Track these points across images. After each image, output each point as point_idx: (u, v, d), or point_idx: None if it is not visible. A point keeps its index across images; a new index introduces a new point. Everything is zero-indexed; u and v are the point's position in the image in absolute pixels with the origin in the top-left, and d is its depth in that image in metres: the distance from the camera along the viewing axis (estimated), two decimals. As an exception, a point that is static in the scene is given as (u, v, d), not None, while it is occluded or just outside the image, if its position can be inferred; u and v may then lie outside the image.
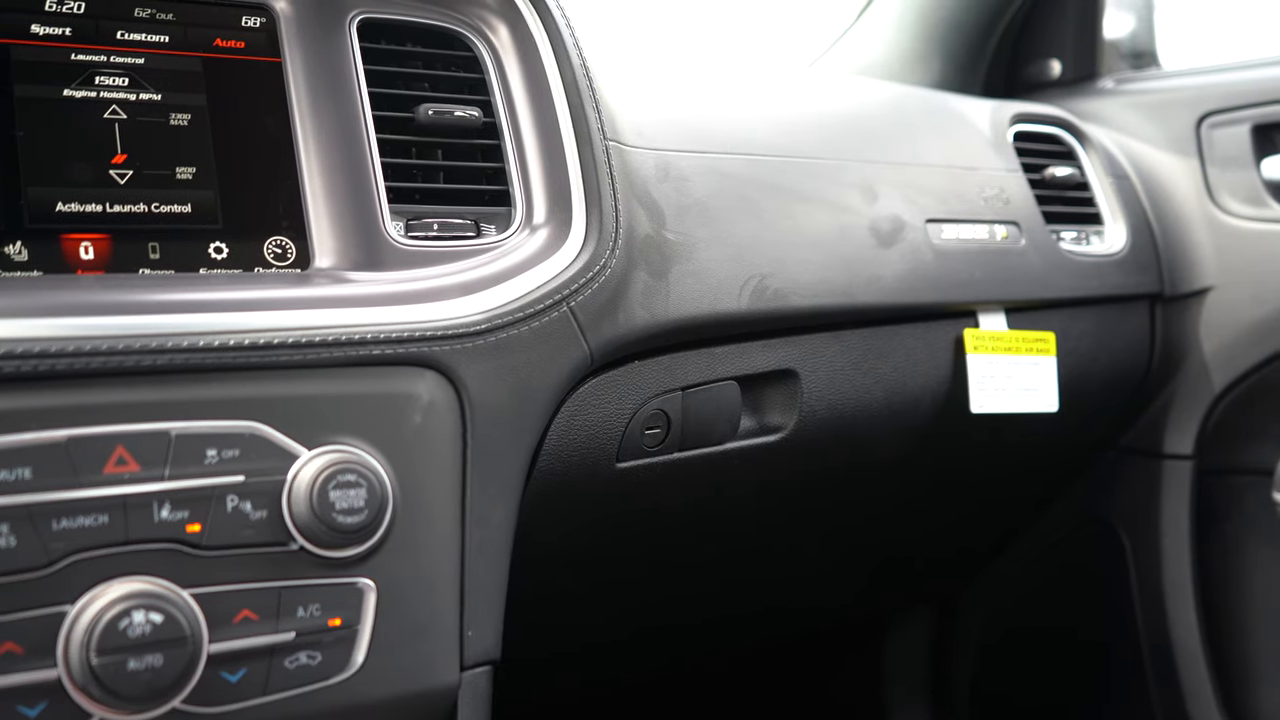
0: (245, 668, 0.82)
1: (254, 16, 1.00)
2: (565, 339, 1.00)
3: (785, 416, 1.28)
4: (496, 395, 0.95)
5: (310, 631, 0.84)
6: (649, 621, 1.57)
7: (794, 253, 1.24)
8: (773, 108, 1.41)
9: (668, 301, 1.11)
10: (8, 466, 0.75)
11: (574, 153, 1.06)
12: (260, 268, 0.94)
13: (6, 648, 0.74)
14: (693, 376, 1.18)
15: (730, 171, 1.24)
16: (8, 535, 0.75)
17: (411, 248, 0.98)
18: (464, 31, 1.08)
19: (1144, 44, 2.00)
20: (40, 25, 0.92)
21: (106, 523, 0.78)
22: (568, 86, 1.07)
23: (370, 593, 0.87)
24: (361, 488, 0.84)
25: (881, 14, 2.01)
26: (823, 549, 1.63)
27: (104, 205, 0.90)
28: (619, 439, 1.13)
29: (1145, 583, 1.76)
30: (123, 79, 0.94)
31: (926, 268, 1.37)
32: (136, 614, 0.75)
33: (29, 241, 0.87)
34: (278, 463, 0.84)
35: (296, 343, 0.86)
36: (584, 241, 1.03)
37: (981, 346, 1.45)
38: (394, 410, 0.90)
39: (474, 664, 0.93)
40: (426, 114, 1.03)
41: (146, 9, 0.97)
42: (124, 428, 0.79)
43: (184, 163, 0.94)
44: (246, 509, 0.82)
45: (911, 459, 1.50)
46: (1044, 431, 1.58)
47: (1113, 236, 1.65)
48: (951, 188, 1.46)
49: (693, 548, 1.43)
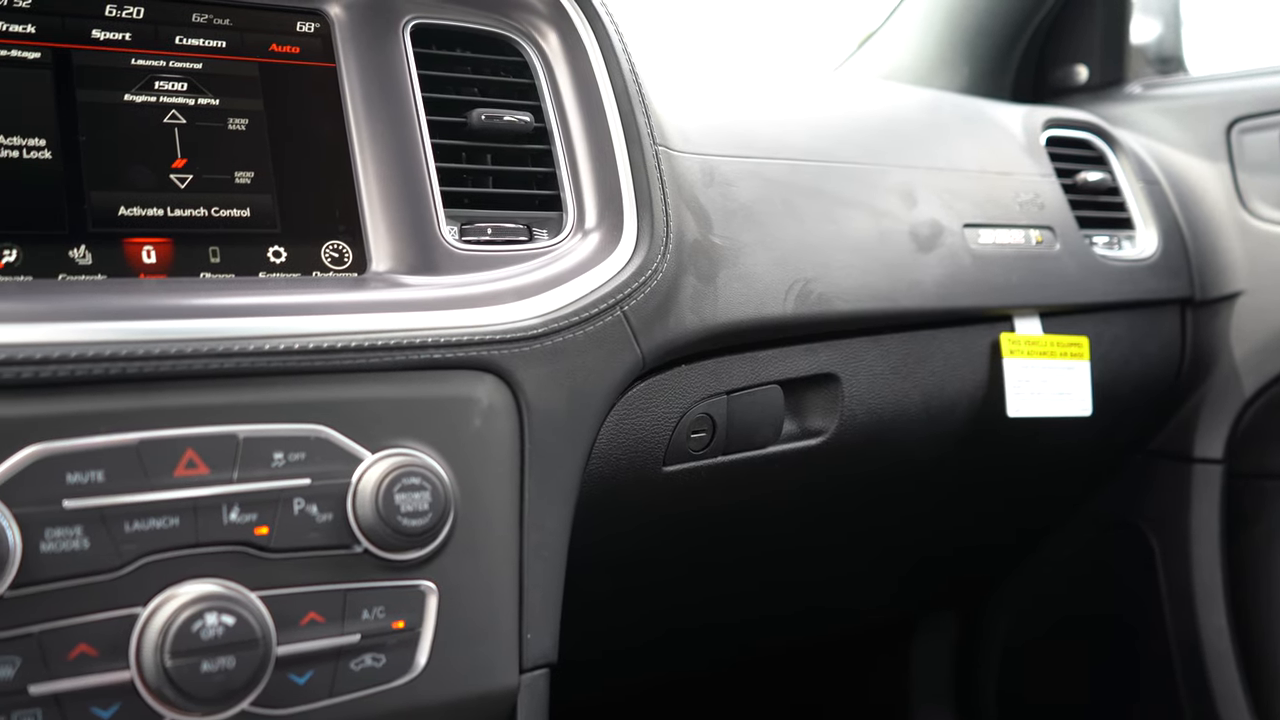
0: (312, 670, 0.82)
1: (308, 22, 1.01)
2: (619, 343, 1.01)
3: (826, 420, 1.29)
4: (553, 399, 0.96)
5: (375, 634, 0.85)
6: (683, 623, 1.57)
7: (837, 257, 1.25)
8: (810, 112, 1.41)
9: (716, 306, 1.11)
10: (81, 469, 0.76)
11: (624, 158, 1.06)
12: (318, 272, 0.95)
13: (80, 649, 0.75)
14: (737, 380, 1.19)
15: (773, 176, 1.24)
16: (81, 538, 0.75)
17: (466, 252, 0.98)
18: (514, 37, 1.08)
19: (1170, 49, 2.01)
20: (101, 30, 0.93)
21: (177, 525, 0.78)
22: (618, 92, 1.08)
23: (432, 595, 0.87)
24: (426, 490, 0.84)
25: (908, 19, 2.02)
26: (856, 550, 1.63)
27: (165, 209, 0.91)
28: (666, 443, 1.13)
29: (1174, 586, 1.76)
30: (181, 84, 0.95)
31: (965, 272, 1.38)
32: (209, 616, 0.76)
33: (92, 245, 0.87)
34: (342, 466, 0.84)
35: (359, 346, 0.87)
36: (635, 246, 1.04)
37: (1018, 351, 1.45)
38: (454, 414, 0.91)
39: (532, 666, 0.93)
40: (479, 119, 1.03)
41: (204, 14, 0.97)
42: (193, 431, 0.80)
43: (242, 167, 0.95)
44: (313, 512, 0.83)
45: (946, 462, 1.51)
46: (1076, 435, 1.59)
47: (1144, 241, 1.65)
48: (987, 192, 1.47)
49: (730, 549, 1.44)
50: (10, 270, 0.84)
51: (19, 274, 0.84)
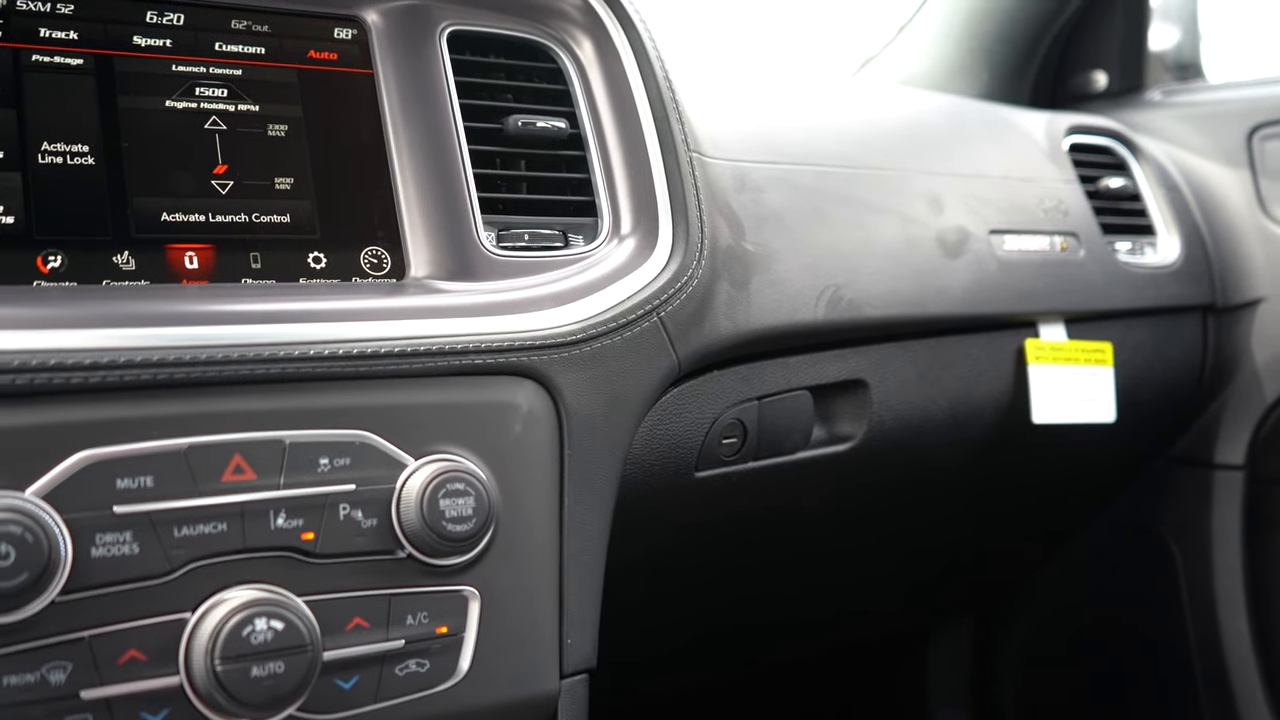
0: (358, 675, 0.82)
1: (346, 29, 1.01)
2: (655, 349, 1.01)
3: (854, 426, 1.29)
4: (591, 404, 0.96)
5: (419, 639, 0.85)
6: (709, 626, 1.57)
7: (866, 263, 1.25)
8: (836, 117, 1.42)
9: (749, 312, 1.12)
10: (130, 475, 0.76)
11: (659, 164, 1.06)
12: (357, 277, 0.95)
13: (130, 654, 0.75)
14: (768, 386, 1.19)
15: (802, 183, 1.25)
16: (131, 543, 0.76)
17: (504, 258, 0.99)
18: (548, 43, 1.09)
19: (1189, 56, 2.01)
20: (142, 37, 0.93)
21: (225, 530, 0.79)
22: (652, 98, 1.08)
23: (474, 601, 0.88)
24: (470, 496, 0.85)
25: (927, 25, 2.02)
26: (880, 554, 1.63)
27: (206, 215, 0.91)
28: (698, 448, 1.13)
29: (1195, 592, 1.76)
30: (221, 90, 0.95)
31: (991, 278, 1.38)
32: (259, 621, 0.76)
33: (136, 251, 0.88)
34: (386, 471, 0.84)
35: (402, 352, 0.87)
36: (671, 252, 1.04)
37: (1043, 357, 1.45)
38: (495, 419, 0.91)
39: (573, 672, 0.94)
40: (515, 125, 1.04)
41: (243, 21, 0.98)
42: (241, 436, 0.80)
43: (282, 173, 0.95)
44: (358, 517, 0.83)
45: (970, 467, 1.51)
46: (1098, 441, 1.59)
47: (1166, 248, 1.66)
48: (1012, 199, 1.47)
49: (758, 553, 1.44)
50: (55, 276, 0.84)
51: (64, 279, 0.84)
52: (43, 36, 0.89)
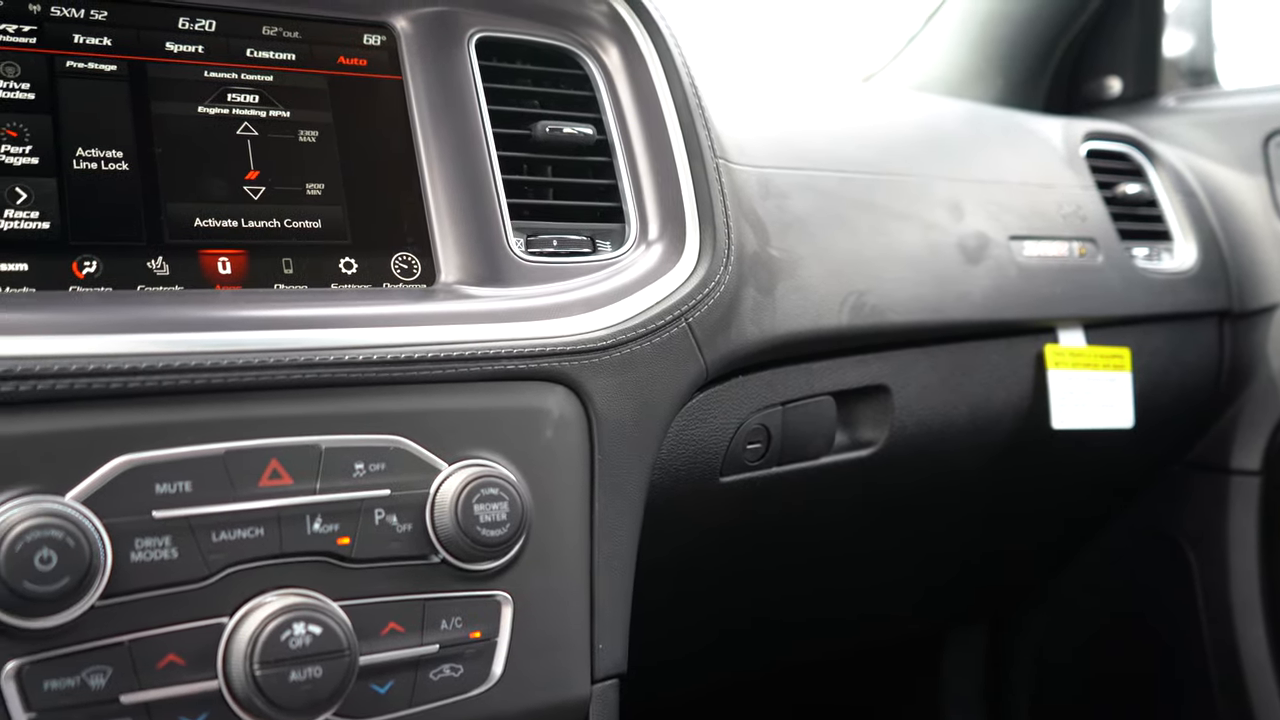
0: (393, 679, 0.82)
1: (375, 35, 1.02)
2: (684, 354, 1.01)
3: (876, 431, 1.29)
4: (621, 410, 0.96)
5: (453, 644, 0.85)
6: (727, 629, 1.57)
7: (889, 269, 1.25)
8: (856, 123, 1.42)
9: (775, 317, 1.12)
10: (169, 480, 0.76)
11: (686, 170, 1.07)
12: (388, 283, 0.95)
13: (169, 659, 0.75)
14: (792, 392, 1.19)
15: (826, 189, 1.25)
16: (170, 548, 0.76)
17: (533, 263, 0.99)
18: (575, 50, 1.09)
19: (1203, 62, 2.02)
20: (174, 43, 0.94)
21: (262, 535, 0.79)
22: (679, 105, 1.08)
23: (507, 606, 0.88)
24: (504, 501, 0.85)
25: (941, 31, 2.03)
26: (898, 558, 1.63)
27: (239, 221, 0.91)
28: (723, 453, 1.14)
29: (1212, 598, 1.76)
30: (253, 96, 0.95)
31: (1011, 284, 1.38)
32: (297, 626, 0.76)
33: (170, 257, 0.88)
34: (421, 476, 0.85)
35: (435, 357, 0.87)
36: (698, 258, 1.04)
37: (1062, 362, 1.46)
38: (526, 424, 0.91)
39: (604, 677, 0.94)
40: (543, 131, 1.04)
41: (273, 27, 0.98)
42: (277, 441, 0.80)
43: (313, 179, 0.95)
44: (393, 522, 0.83)
45: (988, 472, 1.51)
46: (1115, 447, 1.59)
47: (1183, 254, 1.66)
48: (1030, 204, 1.47)
49: (777, 557, 1.44)
50: (90, 281, 0.85)
51: (99, 285, 0.85)
52: (77, 43, 0.90)
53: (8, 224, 0.83)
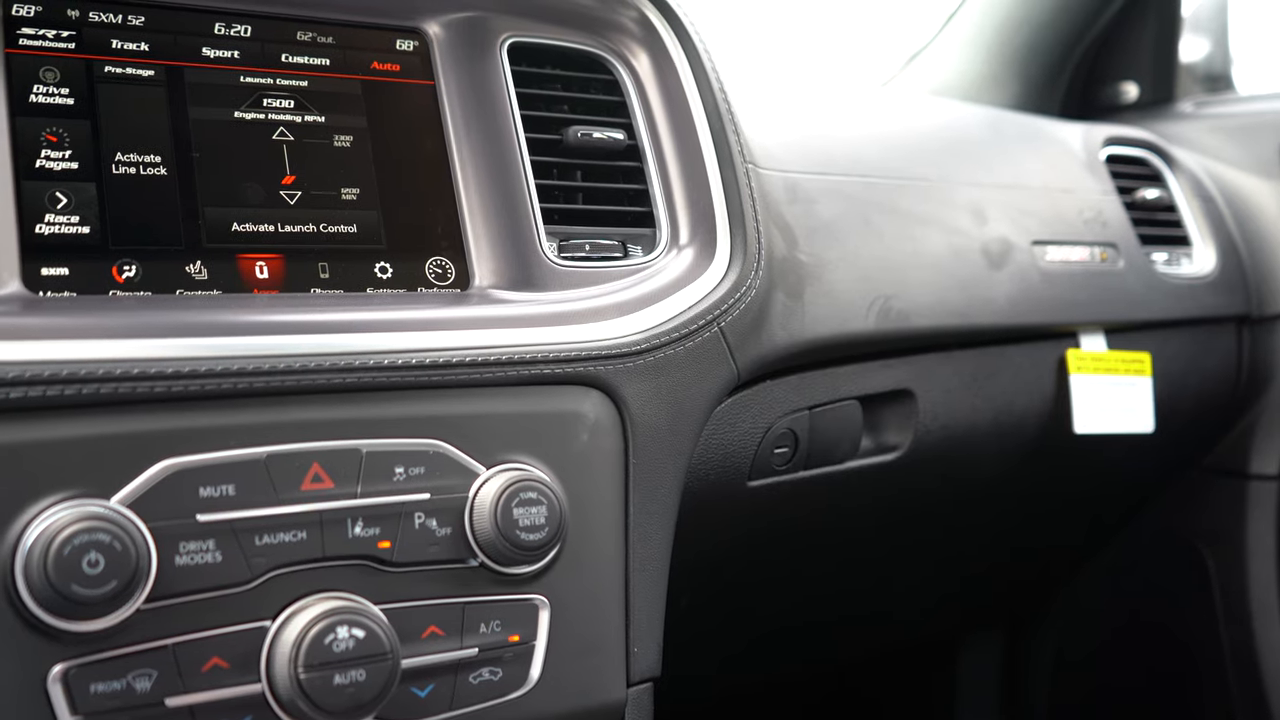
0: (433, 683, 0.83)
1: (408, 40, 1.02)
2: (716, 359, 1.02)
3: (901, 436, 1.30)
4: (655, 414, 0.96)
5: (492, 647, 0.85)
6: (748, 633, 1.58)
7: (914, 274, 1.25)
8: (880, 128, 1.42)
9: (803, 322, 1.12)
10: (213, 483, 0.77)
11: (716, 175, 1.07)
12: (423, 287, 0.96)
13: (213, 662, 0.75)
14: (818, 396, 1.19)
15: (852, 193, 1.25)
16: (214, 551, 0.76)
17: (566, 268, 0.99)
18: (605, 55, 1.09)
19: (1220, 68, 2.02)
20: (211, 48, 0.94)
21: (304, 539, 0.79)
22: (708, 110, 1.09)
23: (544, 609, 0.88)
24: (543, 505, 0.85)
25: (957, 37, 2.03)
26: (917, 561, 1.64)
27: (276, 225, 0.92)
28: (751, 457, 1.14)
29: (1230, 602, 1.76)
30: (288, 101, 0.96)
31: (1034, 289, 1.38)
32: (340, 629, 0.76)
33: (208, 261, 0.88)
34: (460, 480, 0.85)
35: (474, 362, 0.88)
36: (729, 262, 1.04)
37: (1084, 367, 1.46)
38: (562, 428, 0.91)
39: (639, 680, 0.94)
40: (575, 136, 1.04)
41: (308, 32, 0.98)
42: (319, 445, 0.81)
43: (348, 183, 0.96)
44: (432, 526, 0.83)
45: (1009, 476, 1.51)
46: (1134, 451, 1.59)
47: (1202, 258, 1.66)
48: (1052, 209, 1.47)
49: (799, 560, 1.44)
50: (130, 285, 0.85)
51: (138, 289, 0.85)
52: (115, 48, 0.90)
53: (49, 228, 0.83)
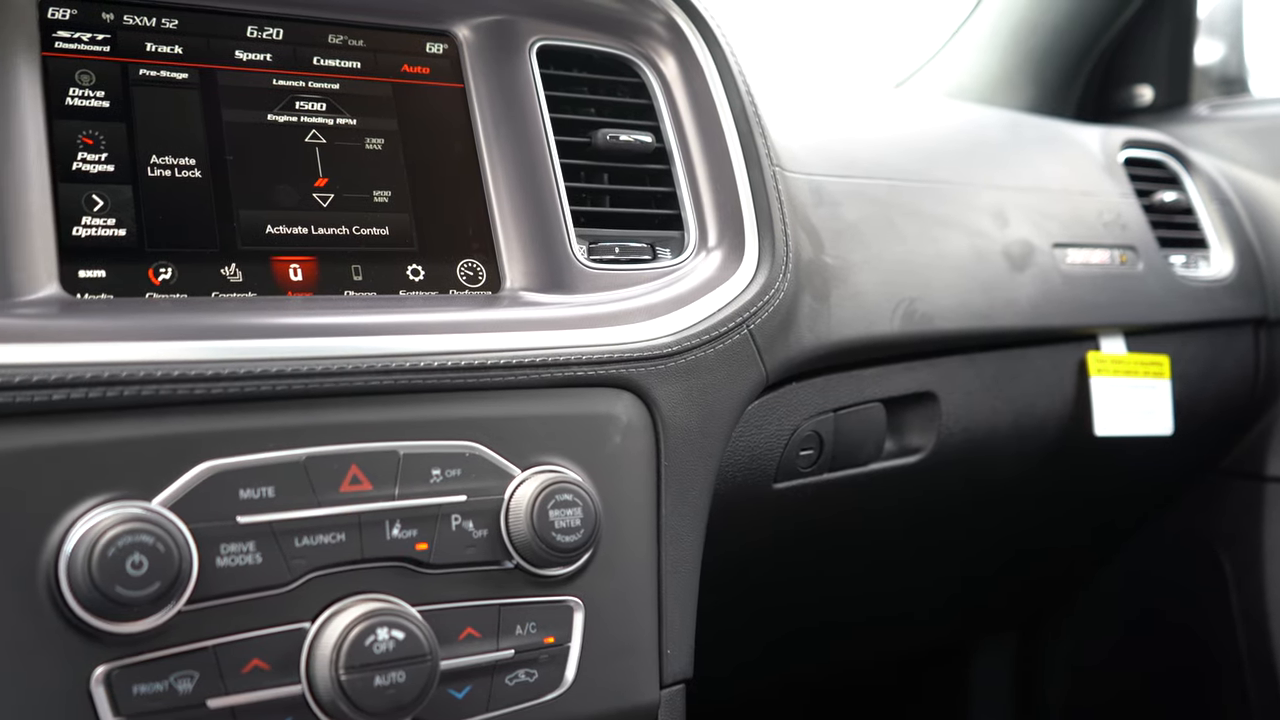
0: (470, 685, 0.83)
1: (438, 43, 1.02)
2: (745, 361, 1.02)
3: (924, 438, 1.30)
4: (686, 416, 0.97)
5: (527, 649, 0.85)
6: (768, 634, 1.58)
7: (938, 276, 1.26)
8: (901, 131, 1.43)
9: (829, 324, 1.12)
10: (253, 485, 0.77)
11: (744, 178, 1.07)
12: (454, 290, 0.96)
13: (254, 664, 0.76)
14: (843, 399, 1.20)
15: (875, 196, 1.25)
16: (254, 553, 0.76)
17: (596, 270, 1.00)
18: (633, 58, 1.10)
19: (1235, 71, 2.02)
20: (243, 51, 0.94)
21: (343, 541, 0.79)
22: (736, 113, 1.09)
23: (579, 611, 0.88)
24: (578, 507, 0.85)
25: (972, 39, 2.03)
26: (936, 563, 1.64)
27: (309, 228, 0.92)
28: (778, 460, 1.14)
29: (1247, 605, 1.76)
30: (320, 104, 0.96)
31: (1055, 291, 1.39)
32: (380, 631, 0.76)
33: (242, 263, 0.88)
34: (496, 482, 0.85)
35: (508, 364, 0.88)
36: (758, 265, 1.05)
37: (1104, 370, 1.46)
38: (596, 430, 0.91)
39: (672, 682, 0.94)
40: (604, 138, 1.04)
41: (339, 35, 0.99)
42: (357, 447, 0.81)
43: (380, 186, 0.96)
44: (469, 528, 0.84)
45: (1029, 478, 1.52)
46: (1152, 454, 1.59)
47: (1220, 261, 1.66)
48: (1073, 212, 1.48)
49: (819, 563, 1.45)
50: (166, 288, 0.85)
51: (174, 291, 0.85)
52: (149, 51, 0.90)
53: (85, 231, 0.83)
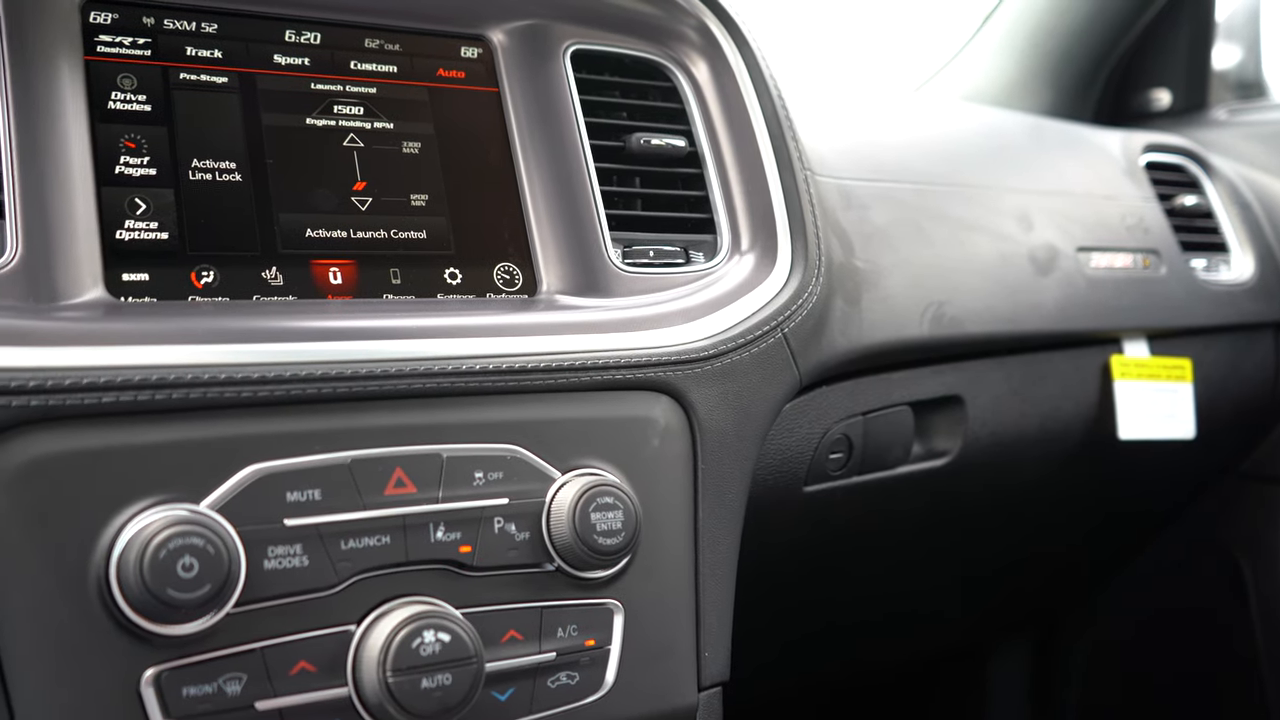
0: (513, 687, 0.83)
1: (472, 47, 1.03)
2: (779, 364, 1.02)
3: (951, 441, 1.30)
4: (722, 419, 0.97)
5: (569, 651, 0.86)
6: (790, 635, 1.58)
7: (966, 280, 1.26)
8: (926, 134, 1.43)
9: (860, 328, 1.13)
10: (299, 488, 0.77)
11: (776, 182, 1.07)
12: (491, 293, 0.96)
13: (301, 666, 0.76)
14: (871, 402, 1.20)
15: (903, 200, 1.26)
16: (301, 555, 0.76)
17: (631, 274, 1.00)
18: (665, 63, 1.10)
19: (1252, 75, 2.03)
20: (282, 56, 0.94)
21: (388, 543, 0.79)
22: (768, 117, 1.09)
23: (619, 614, 0.88)
24: (619, 510, 0.85)
25: (990, 43, 2.04)
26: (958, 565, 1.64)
27: (348, 231, 0.92)
28: (808, 462, 1.14)
29: (1266, 609, 1.76)
30: (358, 108, 0.96)
31: (1080, 295, 1.39)
32: (427, 633, 0.76)
33: (283, 267, 0.89)
34: (537, 485, 0.85)
35: (549, 367, 0.88)
36: (791, 268, 1.05)
37: (1128, 373, 1.46)
38: (634, 433, 0.92)
39: (710, 685, 0.94)
40: (637, 143, 1.05)
41: (375, 40, 0.99)
42: (401, 450, 0.81)
43: (417, 190, 0.96)
44: (511, 530, 0.84)
45: (1052, 481, 1.52)
46: (1173, 457, 1.59)
47: (1240, 265, 1.66)
48: (1096, 216, 1.48)
49: (844, 565, 1.45)
50: (209, 291, 0.85)
51: (216, 295, 0.85)
52: (189, 55, 0.91)
53: (129, 234, 0.84)
